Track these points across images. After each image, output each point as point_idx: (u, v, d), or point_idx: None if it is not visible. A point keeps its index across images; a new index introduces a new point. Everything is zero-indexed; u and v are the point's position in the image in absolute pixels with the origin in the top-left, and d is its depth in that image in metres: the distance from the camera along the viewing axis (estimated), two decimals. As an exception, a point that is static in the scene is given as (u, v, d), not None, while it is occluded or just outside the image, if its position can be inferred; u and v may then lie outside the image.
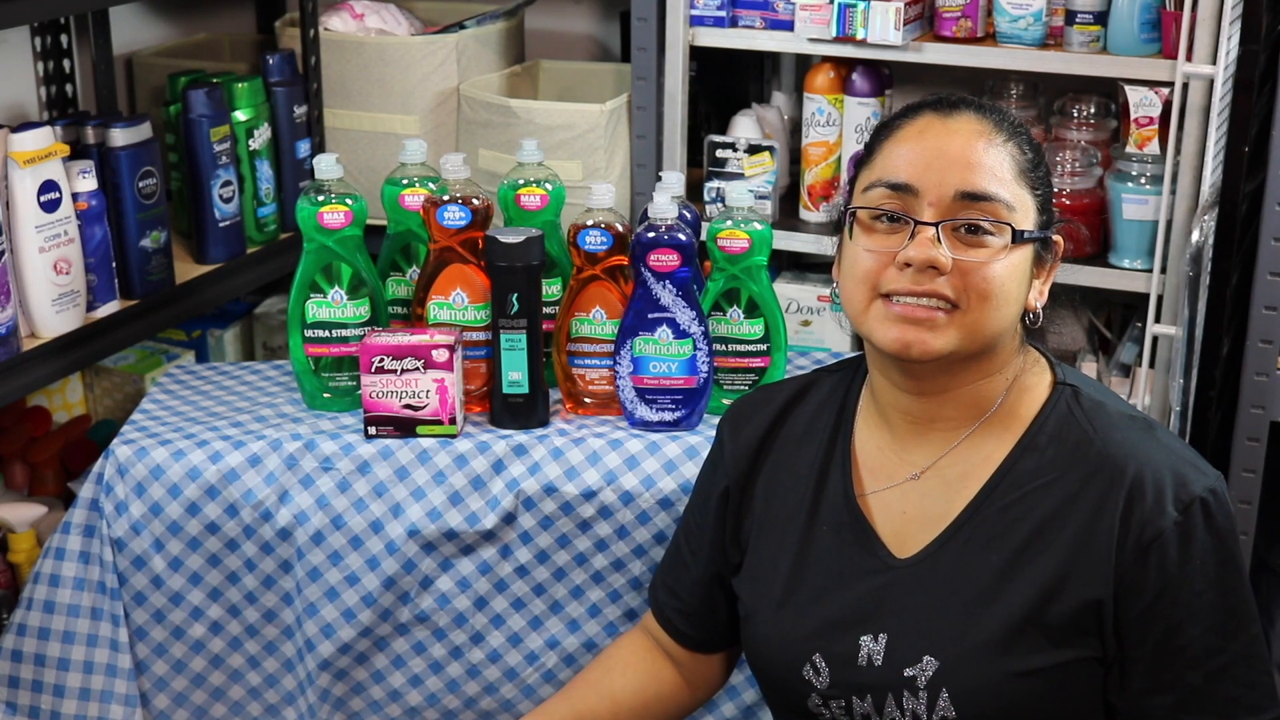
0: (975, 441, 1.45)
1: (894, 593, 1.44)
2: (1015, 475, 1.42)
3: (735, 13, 2.44)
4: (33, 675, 1.88)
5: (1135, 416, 1.44)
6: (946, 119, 1.42)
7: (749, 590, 1.56)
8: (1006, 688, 1.37)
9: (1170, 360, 2.24)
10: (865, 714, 1.44)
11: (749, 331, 1.89)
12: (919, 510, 1.46)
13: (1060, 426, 1.42)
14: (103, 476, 1.86)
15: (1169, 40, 2.22)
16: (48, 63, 2.46)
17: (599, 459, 1.83)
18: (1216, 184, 2.19)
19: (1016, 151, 1.41)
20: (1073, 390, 1.45)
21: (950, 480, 1.45)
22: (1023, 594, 1.38)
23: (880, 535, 1.47)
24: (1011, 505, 1.41)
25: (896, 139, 1.43)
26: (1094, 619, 1.37)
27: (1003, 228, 1.37)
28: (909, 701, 1.40)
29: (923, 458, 1.47)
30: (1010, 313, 1.40)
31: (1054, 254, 1.46)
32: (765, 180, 2.49)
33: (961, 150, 1.39)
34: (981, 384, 1.44)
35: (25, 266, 2.00)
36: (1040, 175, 1.43)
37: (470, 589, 1.87)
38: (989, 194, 1.38)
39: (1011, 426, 1.44)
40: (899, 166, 1.40)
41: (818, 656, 1.46)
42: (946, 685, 1.39)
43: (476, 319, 1.90)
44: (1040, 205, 1.42)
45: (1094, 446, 1.40)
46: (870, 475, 1.50)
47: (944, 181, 1.38)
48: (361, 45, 2.60)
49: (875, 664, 1.43)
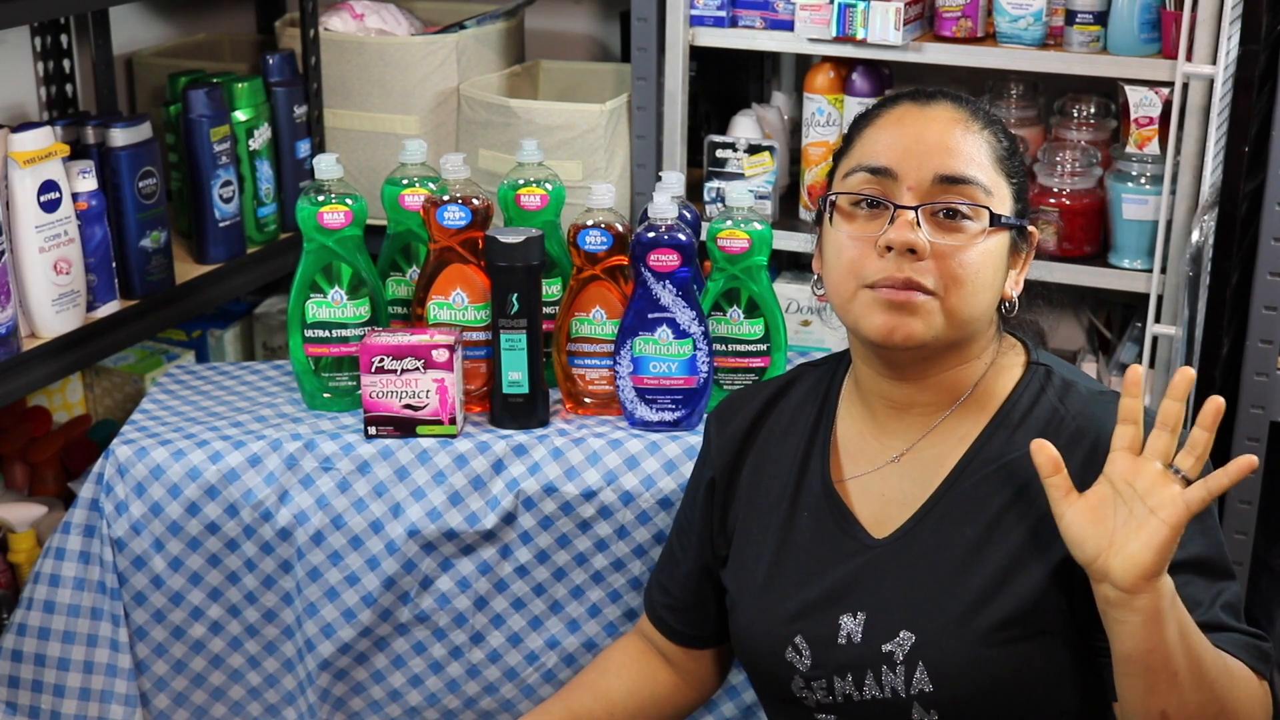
0: (952, 423, 1.47)
1: (872, 571, 1.46)
2: (988, 452, 1.44)
3: (735, 13, 2.44)
4: (33, 675, 1.88)
5: (1105, 392, 1.47)
6: (924, 108, 1.45)
7: (734, 580, 1.58)
8: (982, 660, 1.39)
9: (1170, 360, 2.24)
10: (846, 693, 1.45)
11: (749, 331, 1.89)
12: (898, 492, 1.48)
13: (1032, 404, 1.45)
14: (103, 476, 1.86)
15: (1169, 40, 2.22)
16: (48, 63, 2.46)
17: (599, 459, 1.84)
18: (1216, 184, 2.19)
19: (993, 139, 1.44)
20: (1046, 370, 1.48)
21: (927, 462, 1.47)
22: (995, 564, 1.40)
23: (859, 518, 1.49)
24: (983, 481, 1.43)
25: (875, 127, 1.46)
26: (1063, 584, 1.38)
27: (980, 212, 1.40)
28: (887, 676, 1.42)
29: (902, 441, 1.49)
30: (987, 299, 1.42)
31: (1029, 244, 1.49)
32: (765, 180, 2.49)
33: (940, 136, 1.42)
34: (960, 369, 1.46)
35: (25, 266, 2.00)
36: (1016, 165, 1.46)
37: (470, 589, 1.87)
38: (967, 177, 1.40)
39: (986, 406, 1.47)
40: (878, 152, 1.43)
41: (799, 639, 1.47)
42: (923, 659, 1.40)
43: (476, 319, 1.90)
44: (1016, 194, 1.45)
45: (1065, 423, 1.43)
46: (851, 461, 1.52)
47: (923, 166, 1.40)
48: (361, 45, 2.60)
49: (855, 641, 1.44)
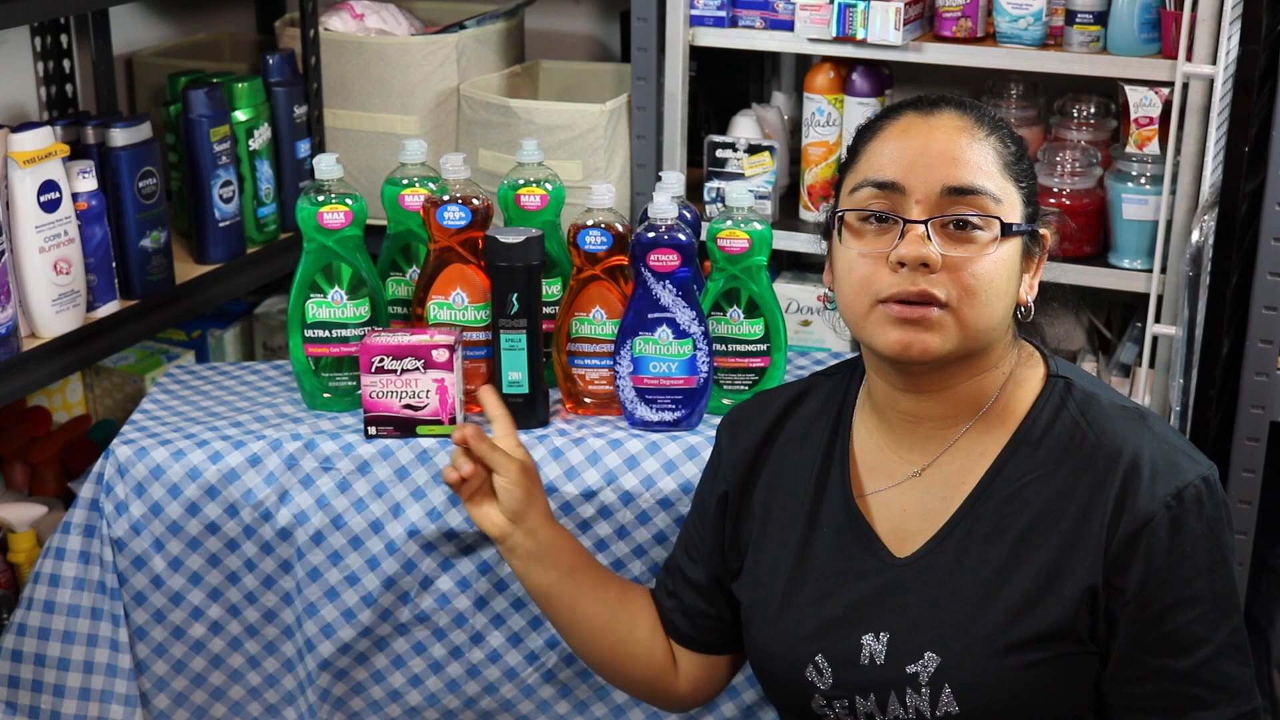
0: (972, 437, 1.45)
1: (894, 591, 1.44)
2: (1010, 471, 1.42)
3: (735, 13, 2.43)
4: (33, 675, 1.88)
5: (1128, 407, 1.45)
6: (928, 117, 1.42)
7: (750, 594, 1.56)
8: (1008, 681, 1.38)
9: (1170, 360, 2.24)
10: (869, 713, 1.44)
11: (749, 331, 1.89)
12: (919, 508, 1.46)
13: (1053, 419, 1.43)
14: (103, 476, 1.85)
15: (1169, 40, 2.22)
16: (48, 63, 2.46)
17: (599, 459, 1.83)
18: (1216, 184, 2.19)
19: (1000, 145, 1.42)
20: (1065, 383, 1.46)
21: (949, 477, 1.45)
22: (1021, 586, 1.39)
23: (880, 535, 1.47)
24: (1008, 500, 1.42)
25: (880, 139, 1.44)
26: (1089, 607, 1.37)
27: (991, 222, 1.38)
28: (912, 698, 1.41)
29: (922, 456, 1.47)
30: (1002, 307, 1.41)
31: (1042, 247, 1.47)
32: (765, 180, 2.49)
33: (945, 146, 1.39)
34: (977, 380, 1.44)
35: (25, 266, 2.00)
36: (1024, 168, 1.44)
37: (470, 589, 1.87)
38: (976, 187, 1.38)
39: (1006, 421, 1.45)
40: (884, 165, 1.41)
41: (820, 657, 1.46)
42: (948, 681, 1.39)
43: (476, 319, 1.90)
44: (1026, 198, 1.43)
45: (1087, 438, 1.41)
46: (870, 475, 1.51)
47: (930, 178, 1.38)
48: (361, 45, 2.60)
49: (878, 662, 1.43)
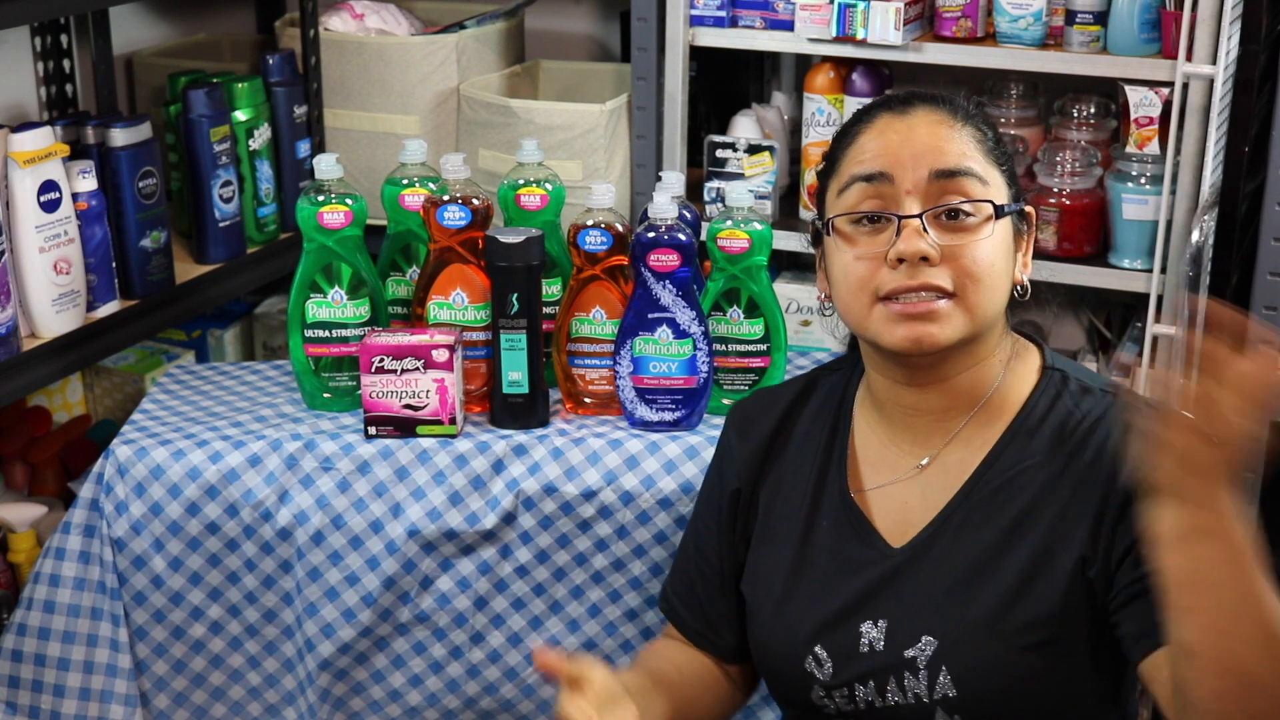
0: (971, 430, 1.47)
1: (891, 579, 1.45)
2: (1005, 459, 1.44)
3: (735, 13, 2.43)
4: (33, 675, 1.88)
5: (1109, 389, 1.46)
6: (904, 115, 1.44)
7: (753, 589, 1.56)
8: (1005, 664, 1.38)
9: (1170, 360, 2.24)
10: (868, 700, 1.44)
11: (749, 331, 1.89)
12: (919, 500, 1.47)
13: (1049, 410, 1.45)
14: (103, 476, 1.86)
15: (1169, 40, 2.21)
16: (48, 63, 2.46)
17: (599, 459, 1.83)
18: (1216, 184, 2.19)
19: (977, 133, 1.44)
20: (1061, 375, 1.48)
21: (949, 468, 1.47)
22: (1015, 569, 1.40)
23: (877, 528, 1.48)
24: (1002, 487, 1.43)
25: (859, 141, 1.45)
26: (1082, 581, 1.37)
27: (981, 206, 1.40)
28: (910, 682, 1.41)
29: (923, 449, 1.48)
30: (1003, 289, 1.43)
31: (1029, 224, 1.49)
32: (765, 180, 2.49)
33: (926, 137, 1.41)
34: (975, 370, 1.46)
35: (25, 266, 2.00)
36: (1003, 151, 1.47)
37: (470, 589, 1.87)
38: (963, 169, 1.40)
39: (1004, 413, 1.46)
40: (869, 160, 1.42)
41: (819, 649, 1.47)
42: (946, 664, 1.40)
43: (476, 319, 1.90)
44: (1008, 179, 1.46)
45: (1081, 426, 1.43)
46: (871, 470, 1.51)
47: (917, 165, 1.40)
48: (361, 45, 2.60)
49: (876, 649, 1.44)
